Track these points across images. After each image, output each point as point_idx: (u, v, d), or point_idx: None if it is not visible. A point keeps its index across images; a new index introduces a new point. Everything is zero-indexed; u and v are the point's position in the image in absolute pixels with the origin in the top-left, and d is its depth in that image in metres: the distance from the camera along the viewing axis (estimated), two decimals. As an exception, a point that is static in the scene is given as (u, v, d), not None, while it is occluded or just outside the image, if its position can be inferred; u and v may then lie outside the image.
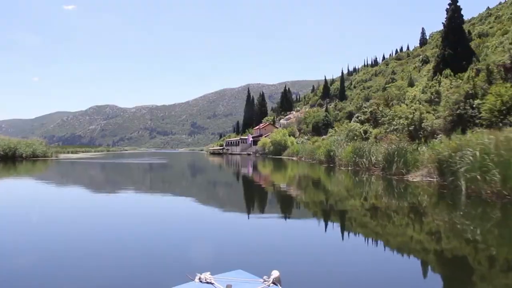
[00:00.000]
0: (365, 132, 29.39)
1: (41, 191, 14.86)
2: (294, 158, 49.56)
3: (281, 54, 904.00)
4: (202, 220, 9.04)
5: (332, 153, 31.66)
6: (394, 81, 68.31)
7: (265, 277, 3.44)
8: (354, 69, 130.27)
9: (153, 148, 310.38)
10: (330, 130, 48.54)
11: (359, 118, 33.83)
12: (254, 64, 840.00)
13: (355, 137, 30.90)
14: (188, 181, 22.59)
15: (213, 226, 8.24)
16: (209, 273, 3.45)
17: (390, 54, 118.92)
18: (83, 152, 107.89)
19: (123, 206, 11.08)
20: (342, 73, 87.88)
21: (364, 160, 23.68)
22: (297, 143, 62.70)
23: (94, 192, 15.54)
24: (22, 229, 7.71)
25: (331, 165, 30.69)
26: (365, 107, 34.06)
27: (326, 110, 74.75)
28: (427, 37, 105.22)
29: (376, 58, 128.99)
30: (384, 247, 6.67)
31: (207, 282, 3.33)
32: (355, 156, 24.80)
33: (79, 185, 18.02)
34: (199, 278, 3.40)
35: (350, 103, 74.75)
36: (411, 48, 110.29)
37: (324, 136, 54.20)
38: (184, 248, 6.23)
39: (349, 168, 25.67)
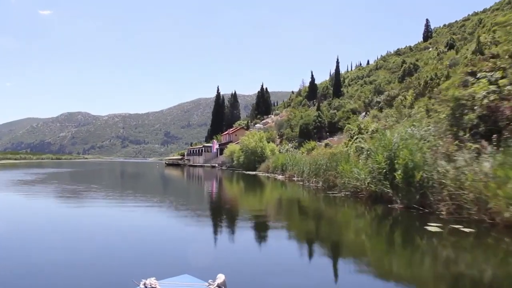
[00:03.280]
0: None
1: None
2: (280, 177, 27.07)
3: (257, 64, 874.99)
4: (149, 229, 8.22)
5: (429, 178, 9.39)
6: (417, 67, 47.33)
7: (210, 281, 3.45)
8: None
9: (122, 158, 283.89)
10: (348, 126, 25.77)
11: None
12: (229, 74, 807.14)
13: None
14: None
15: (162, 236, 7.67)
16: (154, 278, 3.43)
17: (375, 60, 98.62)
18: (15, 159, 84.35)
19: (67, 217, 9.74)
20: (338, 63, 65.84)
21: None
22: (280, 152, 40.34)
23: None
24: None
25: (423, 211, 8.53)
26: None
27: (319, 109, 52.81)
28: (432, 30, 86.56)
29: (360, 63, 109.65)
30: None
31: None
32: None
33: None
34: (144, 284, 3.37)
35: (351, 100, 53.36)
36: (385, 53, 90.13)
37: (329, 139, 32.26)
38: (132, 255, 5.90)
39: None
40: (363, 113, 46.73)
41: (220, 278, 3.40)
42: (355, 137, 20.86)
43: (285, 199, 15.89)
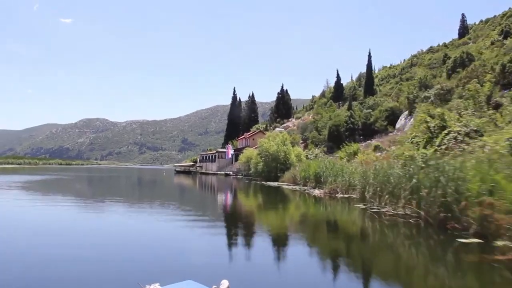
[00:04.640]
0: None
1: None
2: (316, 192, 19.12)
3: (275, 71, 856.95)
4: (155, 235, 8.22)
5: None
6: (470, 56, 39.33)
7: (214, 287, 3.29)
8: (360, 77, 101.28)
9: (138, 164, 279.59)
10: (421, 116, 17.77)
11: None
12: (247, 81, 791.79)
13: None
14: None
15: (166, 241, 7.60)
16: (158, 284, 3.30)
17: (402, 60, 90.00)
18: (17, 164, 78.47)
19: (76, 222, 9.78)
20: (370, 56, 57.19)
21: None
22: (307, 157, 32.54)
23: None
24: None
25: None
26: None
27: (350, 109, 44.93)
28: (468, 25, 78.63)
29: (383, 66, 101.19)
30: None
31: None
32: None
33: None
34: None
35: (388, 98, 45.44)
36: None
37: (363, 144, 24.61)
38: (137, 261, 5.81)
39: None
40: (405, 112, 38.73)
41: (224, 284, 3.24)
42: (444, 133, 12.96)
43: (353, 259, 8.12)
